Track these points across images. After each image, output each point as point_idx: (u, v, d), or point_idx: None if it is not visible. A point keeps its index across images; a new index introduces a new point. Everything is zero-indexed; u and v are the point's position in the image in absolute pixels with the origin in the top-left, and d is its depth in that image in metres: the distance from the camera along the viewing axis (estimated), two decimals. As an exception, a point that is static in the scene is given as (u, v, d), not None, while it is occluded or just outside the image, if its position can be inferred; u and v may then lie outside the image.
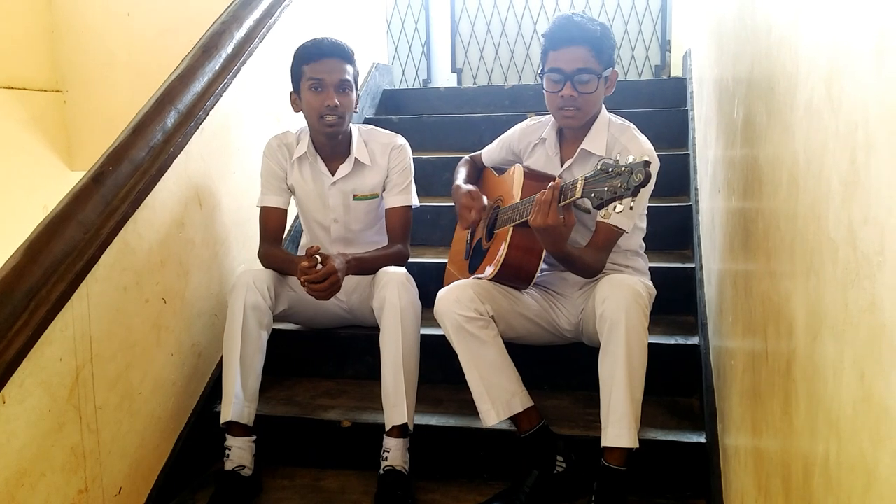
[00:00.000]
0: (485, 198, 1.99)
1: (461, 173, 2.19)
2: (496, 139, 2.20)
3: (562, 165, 1.97)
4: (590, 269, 1.83)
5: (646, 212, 2.00)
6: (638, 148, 1.85)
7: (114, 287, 1.74)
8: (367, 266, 2.05)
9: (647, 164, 1.46)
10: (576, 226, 1.78)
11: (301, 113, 2.12)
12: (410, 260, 2.19)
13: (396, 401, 1.87)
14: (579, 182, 1.58)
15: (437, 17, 4.95)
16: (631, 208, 1.52)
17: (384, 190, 2.20)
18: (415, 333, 1.94)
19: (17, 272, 1.51)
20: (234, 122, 2.31)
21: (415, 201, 2.20)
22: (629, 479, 1.71)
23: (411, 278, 1.98)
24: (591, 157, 1.91)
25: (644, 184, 1.45)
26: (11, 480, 1.45)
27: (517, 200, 1.86)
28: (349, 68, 2.06)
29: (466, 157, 2.28)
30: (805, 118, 0.95)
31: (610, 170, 1.51)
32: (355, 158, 2.14)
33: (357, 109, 2.13)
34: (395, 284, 1.92)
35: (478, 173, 2.26)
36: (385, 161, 2.17)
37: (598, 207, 1.52)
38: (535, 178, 1.90)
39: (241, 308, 1.93)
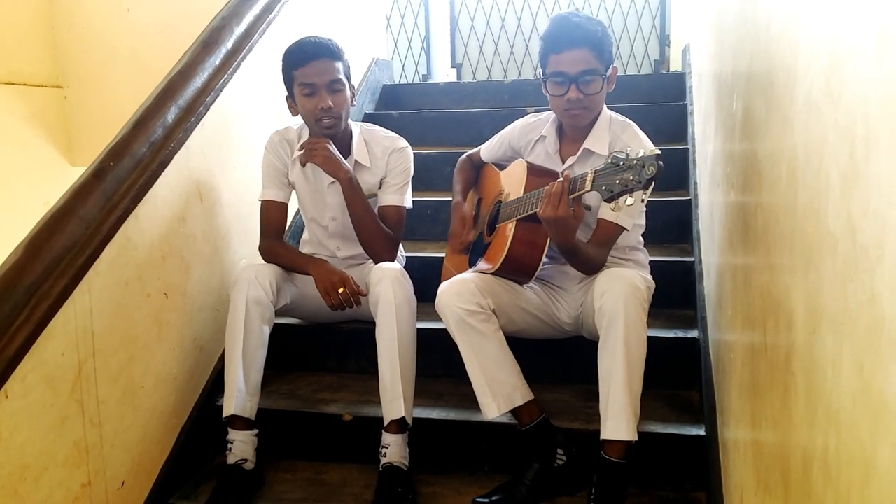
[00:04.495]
0: (481, 197, 1.98)
1: (459, 184, 2.20)
2: (495, 135, 2.19)
3: (563, 163, 1.97)
4: (592, 262, 1.84)
5: (644, 209, 2.01)
6: (639, 146, 1.85)
7: (115, 282, 1.75)
8: (360, 201, 2.05)
9: (659, 157, 1.47)
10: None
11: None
12: (411, 254, 2.19)
13: (394, 396, 1.87)
14: (589, 175, 1.59)
15: (437, 11, 4.94)
16: (643, 201, 1.52)
17: (380, 188, 2.20)
18: (410, 328, 1.94)
19: (18, 268, 1.51)
20: (234, 118, 2.31)
21: (408, 203, 2.19)
22: (629, 472, 1.72)
23: (406, 273, 1.98)
24: (593, 157, 1.91)
25: (656, 177, 1.46)
26: (14, 475, 1.46)
27: (520, 195, 1.87)
28: (338, 65, 2.03)
29: (464, 156, 2.28)
30: (804, 112, 0.95)
31: (620, 163, 1.51)
32: (355, 161, 2.14)
33: (354, 103, 2.13)
34: (389, 280, 1.92)
35: (476, 172, 2.27)
36: (384, 163, 2.16)
37: (609, 200, 1.53)
38: (538, 174, 1.90)
39: (244, 303, 1.94)
